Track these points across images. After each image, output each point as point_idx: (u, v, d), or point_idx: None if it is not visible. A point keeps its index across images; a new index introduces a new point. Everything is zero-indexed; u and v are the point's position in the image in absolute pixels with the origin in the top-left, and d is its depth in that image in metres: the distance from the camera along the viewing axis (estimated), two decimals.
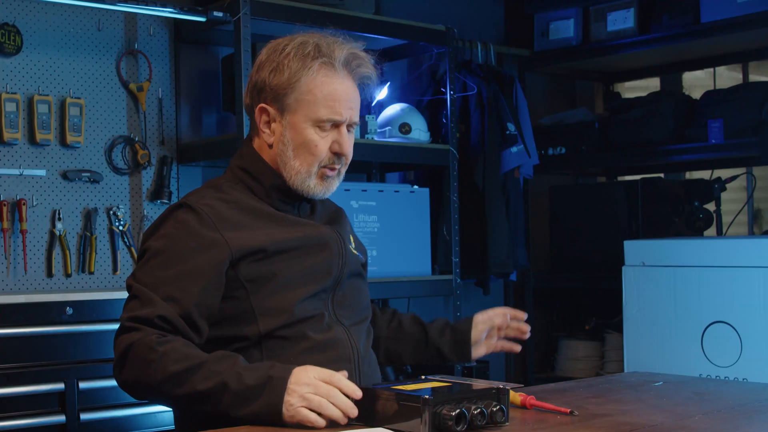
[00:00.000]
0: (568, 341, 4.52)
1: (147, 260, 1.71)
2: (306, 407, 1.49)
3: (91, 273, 3.35)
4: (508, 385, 1.57)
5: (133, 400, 2.92)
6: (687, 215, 4.34)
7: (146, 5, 3.15)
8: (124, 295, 2.96)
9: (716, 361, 3.31)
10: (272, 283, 1.71)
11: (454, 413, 1.43)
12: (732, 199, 4.71)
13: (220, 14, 3.22)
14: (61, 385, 2.83)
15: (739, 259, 3.29)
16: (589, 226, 4.38)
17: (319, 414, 1.49)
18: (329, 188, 1.84)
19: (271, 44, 1.85)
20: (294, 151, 1.79)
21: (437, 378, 1.63)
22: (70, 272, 3.30)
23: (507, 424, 1.51)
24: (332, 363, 1.68)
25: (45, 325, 2.83)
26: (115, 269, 3.41)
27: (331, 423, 1.51)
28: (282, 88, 1.78)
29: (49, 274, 3.26)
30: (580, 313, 4.62)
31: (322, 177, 1.82)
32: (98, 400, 2.90)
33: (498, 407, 1.49)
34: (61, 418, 2.82)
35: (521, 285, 4.63)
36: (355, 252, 1.90)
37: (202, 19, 3.27)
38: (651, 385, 1.98)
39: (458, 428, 1.43)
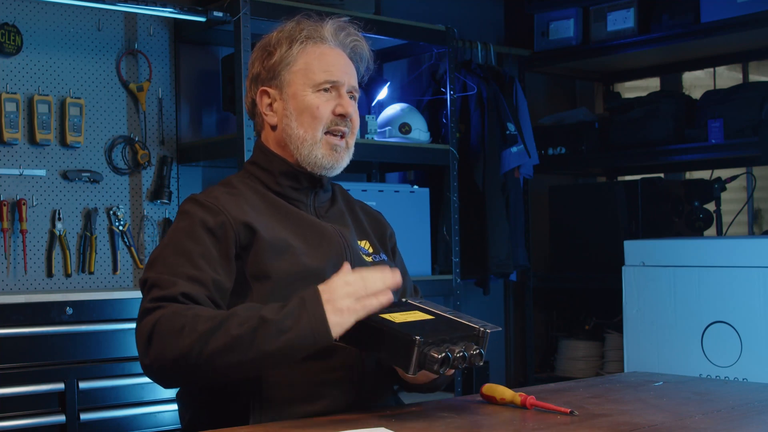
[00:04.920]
0: (568, 341, 4.52)
1: (159, 253, 1.70)
2: (356, 301, 1.52)
3: (91, 273, 3.35)
4: (488, 327, 1.60)
5: (133, 399, 2.97)
6: (687, 215, 4.34)
7: (146, 5, 3.15)
8: (124, 294, 3.00)
9: (716, 361, 3.31)
10: (270, 283, 1.70)
11: (440, 356, 1.50)
12: (732, 199, 4.71)
13: (220, 14, 3.23)
14: (61, 385, 2.83)
15: (739, 259, 3.29)
16: (589, 226, 4.38)
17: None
18: (338, 161, 1.82)
19: (258, 43, 1.90)
20: (297, 120, 1.80)
21: (416, 302, 1.69)
22: (70, 272, 3.30)
23: (481, 364, 1.57)
24: (332, 371, 1.68)
25: (45, 325, 2.83)
26: (115, 269, 3.41)
27: (332, 423, 1.51)
28: (276, 65, 1.83)
29: (49, 274, 3.26)
30: (580, 313, 4.62)
31: (330, 147, 1.81)
32: (98, 400, 2.90)
33: (477, 351, 1.56)
34: (61, 418, 2.82)
35: (521, 285, 4.64)
36: (367, 258, 1.86)
37: (202, 19, 3.27)
38: (651, 385, 1.98)
39: (440, 370, 1.51)
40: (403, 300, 1.71)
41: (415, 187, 3.84)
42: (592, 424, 1.53)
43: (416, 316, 1.61)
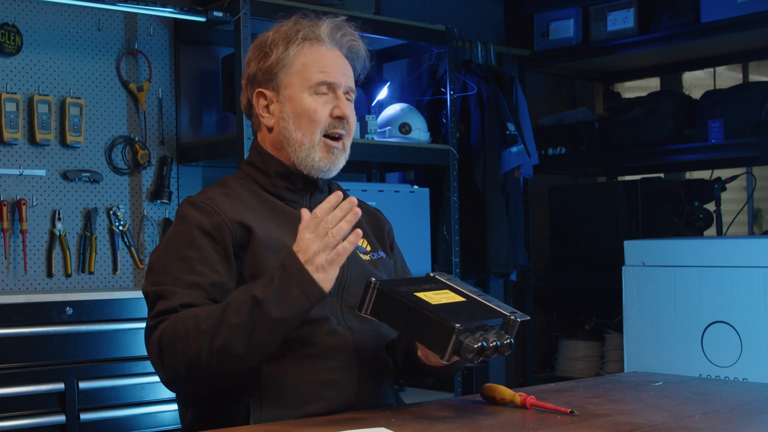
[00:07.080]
0: (568, 341, 4.53)
1: (158, 260, 1.71)
2: (332, 252, 1.55)
3: (91, 273, 3.35)
4: (518, 315, 1.61)
5: (133, 399, 2.97)
6: (687, 215, 4.34)
7: (146, 5, 3.15)
8: (124, 294, 3.00)
9: (716, 361, 3.31)
10: None
11: (476, 345, 1.50)
12: (732, 199, 4.71)
13: (220, 14, 3.23)
14: (61, 385, 2.83)
15: (739, 259, 3.29)
16: (589, 226, 4.38)
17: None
18: (335, 163, 1.83)
19: (255, 41, 1.89)
20: (295, 123, 1.80)
21: (444, 278, 1.68)
22: (70, 272, 3.30)
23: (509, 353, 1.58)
24: (332, 372, 1.68)
25: (45, 325, 2.83)
26: (115, 269, 3.41)
27: (332, 423, 1.52)
28: (273, 67, 1.82)
29: (49, 274, 3.26)
30: (580, 313, 4.62)
31: (327, 149, 1.81)
32: (98, 400, 2.91)
33: (508, 340, 1.56)
34: (61, 418, 2.82)
35: (521, 285, 4.63)
36: (365, 257, 1.86)
37: (202, 19, 3.27)
38: (651, 385, 1.98)
39: (474, 359, 1.51)
40: (431, 275, 1.71)
41: (415, 187, 3.84)
42: (592, 424, 1.53)
43: (449, 297, 1.61)
